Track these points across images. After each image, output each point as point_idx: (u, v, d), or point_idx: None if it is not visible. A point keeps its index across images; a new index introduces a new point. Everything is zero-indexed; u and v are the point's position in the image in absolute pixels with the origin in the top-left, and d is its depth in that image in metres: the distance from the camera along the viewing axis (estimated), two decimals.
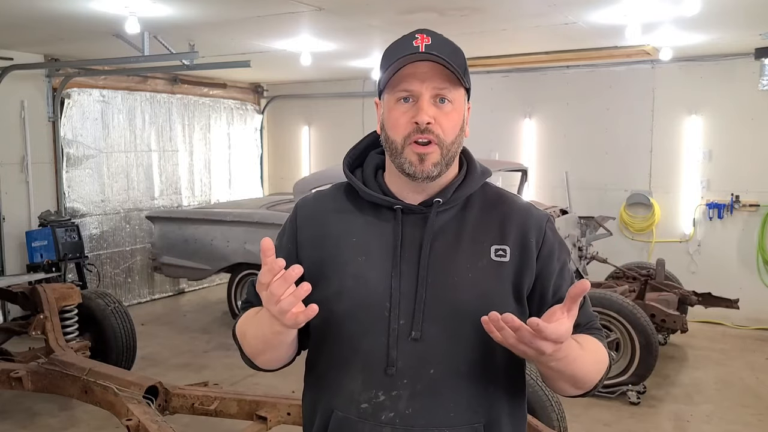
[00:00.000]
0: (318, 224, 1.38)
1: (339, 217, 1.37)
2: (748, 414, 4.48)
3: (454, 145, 1.30)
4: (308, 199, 1.46)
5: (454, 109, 1.28)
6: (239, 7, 4.46)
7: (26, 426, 4.33)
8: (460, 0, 4.32)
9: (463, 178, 1.36)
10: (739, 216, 6.67)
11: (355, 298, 1.28)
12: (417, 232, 1.31)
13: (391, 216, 1.33)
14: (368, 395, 1.27)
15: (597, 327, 1.37)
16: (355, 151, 1.45)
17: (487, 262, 1.29)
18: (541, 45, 6.11)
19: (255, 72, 8.10)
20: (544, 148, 7.55)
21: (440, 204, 1.32)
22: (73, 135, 7.00)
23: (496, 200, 1.38)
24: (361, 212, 1.36)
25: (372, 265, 1.29)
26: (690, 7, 4.24)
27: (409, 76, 1.26)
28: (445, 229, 1.32)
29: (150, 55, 5.27)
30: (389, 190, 1.35)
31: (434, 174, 1.28)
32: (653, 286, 5.52)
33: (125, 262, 7.64)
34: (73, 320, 4.71)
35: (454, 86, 1.28)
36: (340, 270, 1.31)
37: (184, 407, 3.34)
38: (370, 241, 1.32)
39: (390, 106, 1.30)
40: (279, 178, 9.61)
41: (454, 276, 1.28)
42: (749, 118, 6.51)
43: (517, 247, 1.31)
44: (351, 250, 1.32)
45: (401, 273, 1.27)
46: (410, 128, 1.26)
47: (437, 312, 1.26)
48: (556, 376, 1.25)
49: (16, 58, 6.25)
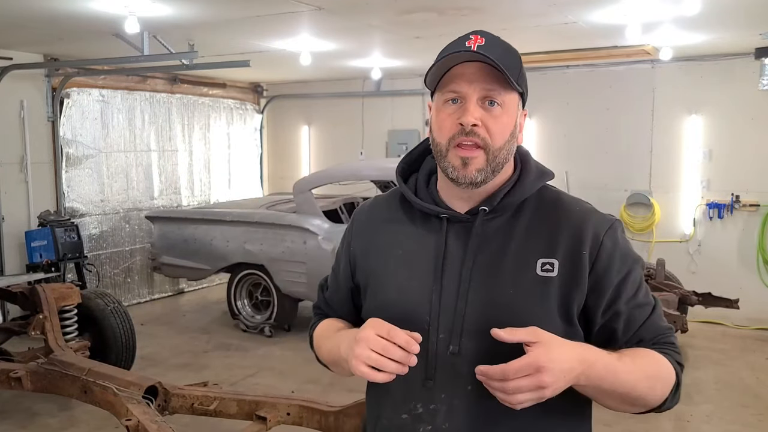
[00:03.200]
0: (370, 234, 1.39)
1: (389, 227, 1.37)
2: (748, 414, 4.47)
3: (502, 152, 1.23)
4: (364, 207, 1.46)
5: (504, 113, 1.22)
6: (239, 7, 4.45)
7: (26, 426, 4.33)
8: (459, 0, 4.32)
9: (514, 182, 1.29)
10: (739, 216, 6.67)
11: (396, 310, 1.26)
12: (461, 244, 1.26)
13: (438, 225, 1.29)
14: (408, 406, 1.27)
15: (667, 341, 1.27)
16: (410, 157, 1.41)
17: (531, 278, 1.22)
18: (541, 45, 6.11)
19: (254, 72, 8.10)
20: (544, 148, 7.54)
21: (486, 212, 1.26)
22: (73, 135, 6.99)
23: (552, 206, 1.28)
24: (410, 221, 1.34)
25: (415, 278, 1.28)
26: (690, 7, 4.24)
27: (458, 77, 1.22)
28: (491, 240, 1.26)
29: (149, 55, 5.27)
30: (439, 197, 1.32)
31: (478, 180, 1.22)
32: (653, 286, 5.52)
33: (125, 262, 7.63)
34: (73, 320, 4.70)
35: (504, 89, 1.21)
36: (386, 282, 1.32)
37: (183, 407, 3.34)
38: (415, 252, 1.30)
39: (438, 107, 1.26)
40: (279, 178, 9.61)
41: (495, 292, 1.23)
42: (749, 118, 6.51)
43: (568, 260, 1.22)
44: (396, 263, 1.31)
45: (443, 287, 1.25)
46: (455, 130, 1.21)
47: (476, 328, 1.21)
48: (597, 396, 1.19)
49: (15, 58, 6.24)
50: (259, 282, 6.33)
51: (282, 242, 6.01)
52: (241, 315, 6.49)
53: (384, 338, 1.12)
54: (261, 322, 6.35)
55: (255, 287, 6.43)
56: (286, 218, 6.10)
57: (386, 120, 8.49)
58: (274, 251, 6.05)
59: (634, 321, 1.24)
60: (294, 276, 5.92)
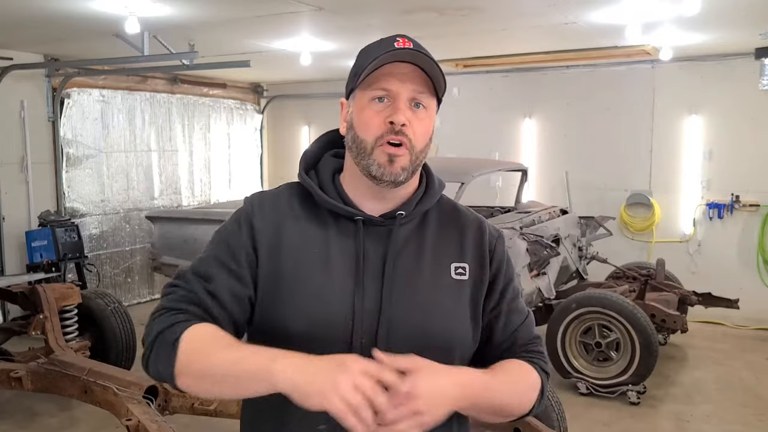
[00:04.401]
0: (275, 230, 1.26)
1: (297, 225, 1.26)
2: (748, 414, 4.48)
3: (422, 154, 1.25)
4: (263, 200, 1.31)
5: (427, 116, 1.24)
6: (239, 7, 4.46)
7: (26, 426, 4.33)
8: (459, 0, 4.32)
9: (423, 191, 1.31)
10: (739, 216, 6.67)
11: (315, 317, 1.20)
12: (380, 247, 1.24)
13: (352, 227, 1.26)
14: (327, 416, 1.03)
15: (535, 350, 1.32)
16: (312, 153, 1.36)
17: (447, 281, 1.26)
18: (541, 45, 6.11)
19: (255, 72, 8.10)
20: (544, 148, 7.55)
21: (403, 216, 1.27)
22: (73, 135, 6.99)
23: (452, 214, 1.35)
24: (319, 221, 1.27)
25: (333, 282, 1.22)
26: (690, 7, 4.24)
27: (388, 75, 1.20)
28: (407, 245, 1.27)
29: (150, 55, 5.27)
30: (347, 197, 1.28)
31: (401, 178, 1.22)
32: (653, 286, 5.52)
33: (125, 262, 7.63)
34: (73, 320, 4.70)
35: (430, 94, 1.24)
36: (300, 287, 1.21)
37: (183, 407, 3.34)
38: (330, 255, 1.23)
39: (362, 104, 1.23)
40: (279, 178, 9.60)
41: (417, 294, 1.23)
42: (749, 118, 6.51)
43: (476, 263, 1.29)
44: (311, 266, 1.23)
45: (364, 290, 1.21)
46: (384, 128, 1.20)
47: (401, 332, 1.20)
48: (473, 412, 1.21)
49: (15, 58, 6.24)
50: None
51: None
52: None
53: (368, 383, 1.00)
54: None
55: None
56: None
57: None
58: None
59: (511, 323, 1.31)
60: None
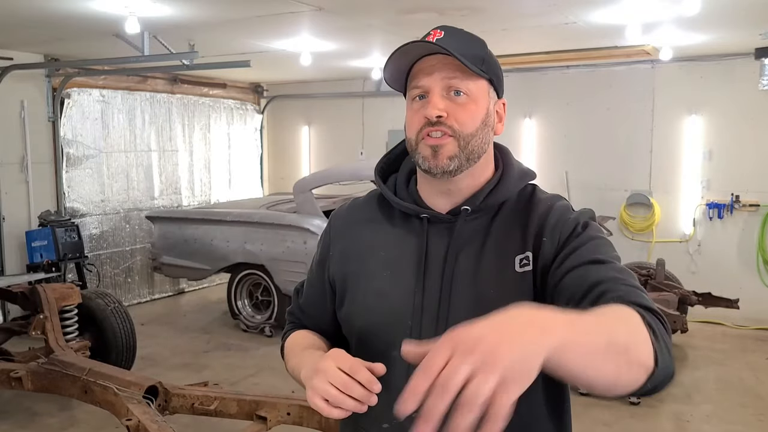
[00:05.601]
0: (349, 236, 1.34)
1: (369, 228, 1.32)
2: (748, 414, 4.48)
3: (475, 138, 1.20)
4: (342, 210, 1.41)
5: (470, 101, 1.19)
6: (239, 7, 4.46)
7: (26, 426, 4.33)
8: (459, 0, 4.32)
9: (496, 182, 1.26)
10: (739, 216, 6.67)
11: (376, 315, 1.24)
12: (443, 244, 1.23)
13: (419, 226, 1.26)
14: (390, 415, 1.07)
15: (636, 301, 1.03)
16: (389, 158, 1.38)
17: (511, 275, 1.19)
18: (541, 45, 6.11)
19: (255, 72, 8.10)
20: (544, 148, 7.55)
21: (468, 212, 1.23)
22: (73, 135, 7.00)
23: (526, 203, 1.26)
24: (391, 222, 1.30)
25: (396, 280, 1.24)
26: (690, 7, 4.24)
27: (419, 72, 1.20)
28: (472, 240, 1.23)
29: (150, 55, 5.27)
30: (419, 197, 1.29)
31: (451, 168, 1.19)
32: (653, 286, 5.53)
33: (125, 262, 7.64)
34: (73, 320, 4.70)
35: (468, 77, 1.18)
36: (365, 285, 1.27)
37: (184, 407, 3.34)
38: (396, 253, 1.26)
39: (407, 106, 1.25)
40: (279, 178, 9.61)
41: (477, 292, 1.19)
42: (749, 118, 6.51)
43: (536, 247, 1.20)
44: (377, 265, 1.27)
45: (425, 289, 1.21)
46: (422, 123, 1.20)
47: None
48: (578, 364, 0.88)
49: (16, 58, 6.25)
50: (260, 282, 6.33)
51: (282, 242, 6.01)
52: (242, 315, 6.49)
53: (345, 373, 1.04)
54: (261, 322, 6.35)
55: (255, 287, 6.43)
56: (286, 218, 6.11)
57: (386, 120, 8.48)
58: (274, 251, 6.05)
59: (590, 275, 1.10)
60: (294, 276, 5.92)
